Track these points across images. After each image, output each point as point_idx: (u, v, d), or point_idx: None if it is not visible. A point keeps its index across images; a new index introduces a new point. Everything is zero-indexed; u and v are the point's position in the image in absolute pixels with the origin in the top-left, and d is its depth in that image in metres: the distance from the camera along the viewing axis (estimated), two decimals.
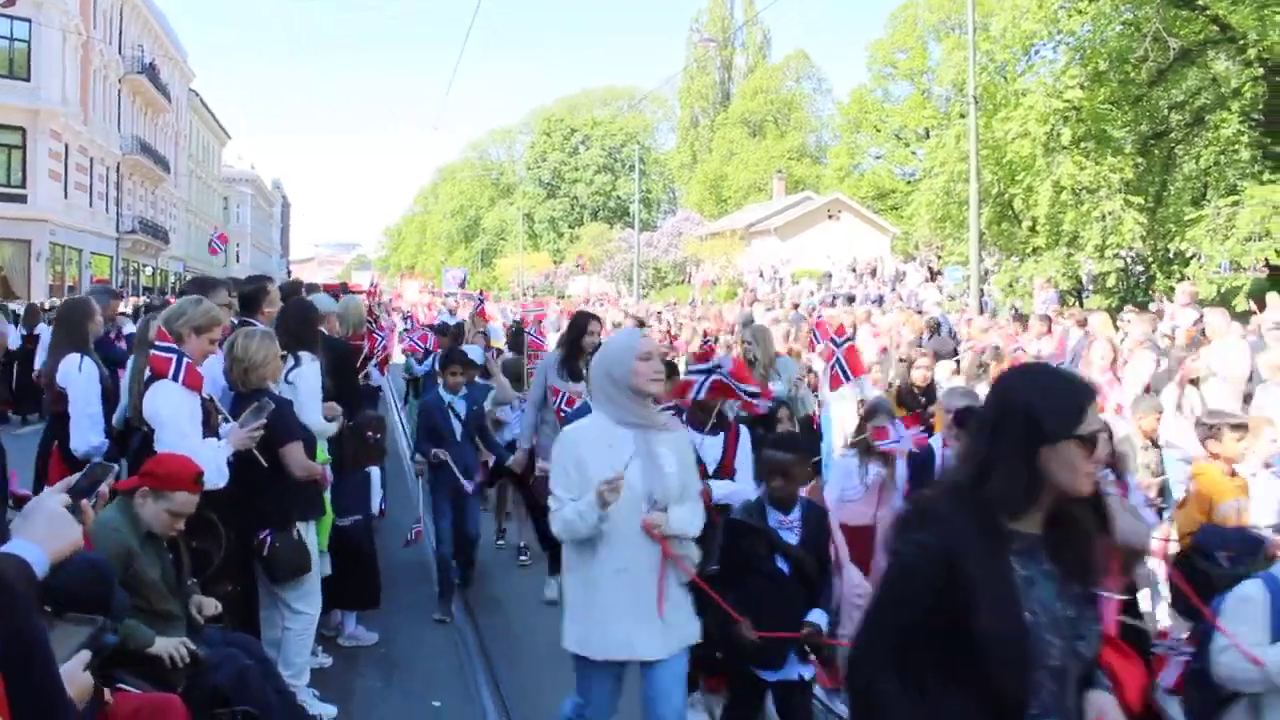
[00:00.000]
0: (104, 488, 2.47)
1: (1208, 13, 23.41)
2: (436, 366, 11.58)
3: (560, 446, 3.99)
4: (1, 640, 1.54)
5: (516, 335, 11.29)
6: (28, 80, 34.67)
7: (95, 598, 3.59)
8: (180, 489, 4.28)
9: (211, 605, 4.49)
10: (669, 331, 17.25)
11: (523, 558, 8.75)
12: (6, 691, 1.55)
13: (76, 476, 2.38)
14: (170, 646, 3.97)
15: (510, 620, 7.14)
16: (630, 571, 3.82)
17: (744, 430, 5.45)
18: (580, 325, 7.41)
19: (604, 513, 3.67)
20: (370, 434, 7.01)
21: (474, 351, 9.54)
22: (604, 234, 63.47)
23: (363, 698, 5.83)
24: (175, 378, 4.80)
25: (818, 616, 4.33)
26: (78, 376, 6.02)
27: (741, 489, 5.14)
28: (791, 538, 4.43)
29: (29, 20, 34.33)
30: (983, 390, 7.63)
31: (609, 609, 3.84)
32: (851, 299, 28.67)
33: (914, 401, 8.70)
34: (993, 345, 10.57)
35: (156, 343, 4.87)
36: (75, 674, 2.36)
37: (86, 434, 5.90)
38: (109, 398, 6.09)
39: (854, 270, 38.01)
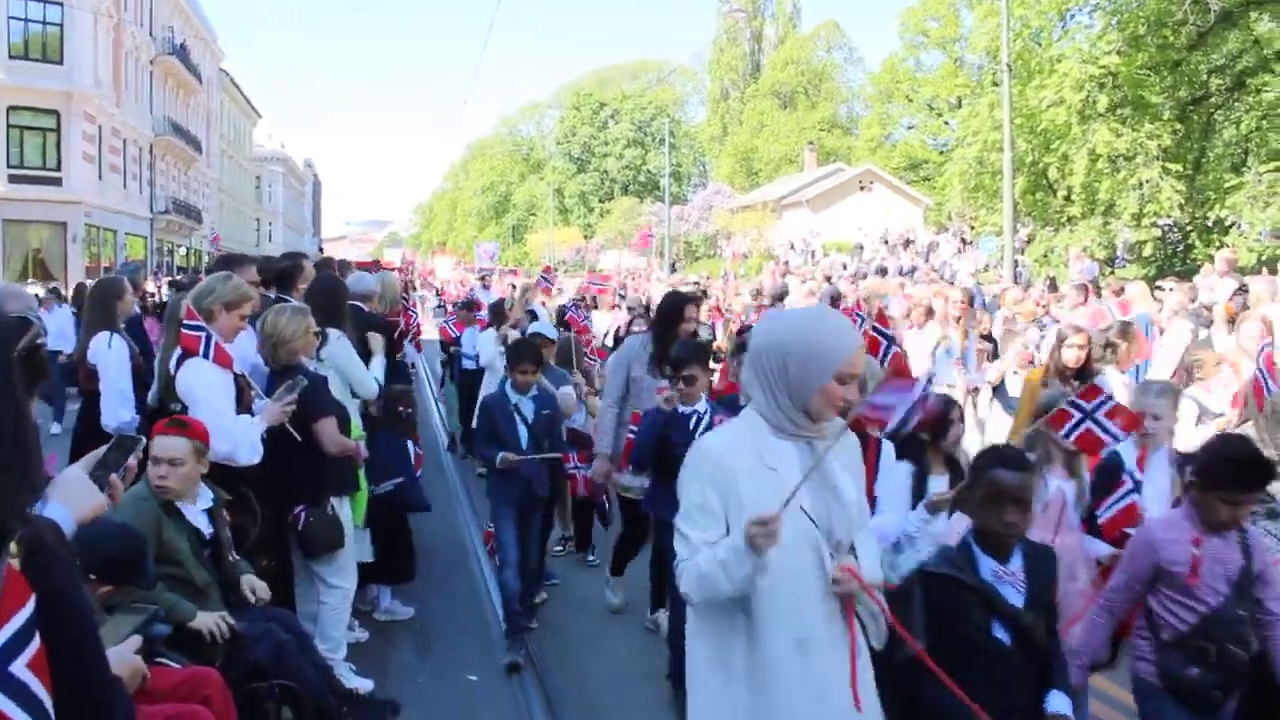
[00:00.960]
0: (132, 460, 2.48)
1: None
2: (475, 352, 11.12)
3: (696, 464, 2.77)
4: (41, 602, 1.53)
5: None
6: (60, 64, 34.94)
7: (129, 563, 3.63)
8: (156, 434, 4.29)
9: (264, 588, 4.49)
10: (717, 306, 16.97)
11: (557, 549, 8.13)
12: (48, 655, 1.54)
13: (102, 449, 2.40)
14: (211, 622, 4.00)
15: (546, 597, 7.13)
16: (813, 643, 2.67)
17: (886, 443, 4.35)
18: (674, 309, 6.32)
19: (760, 562, 2.53)
20: (401, 408, 6.98)
21: (545, 328, 8.73)
22: (634, 208, 63.28)
23: (398, 671, 5.86)
24: (205, 355, 4.84)
25: (1059, 703, 3.15)
26: (107, 353, 6.11)
27: (891, 524, 3.91)
28: (1015, 596, 3.19)
29: (61, 4, 34.56)
30: (1113, 376, 6.84)
31: (792, 705, 2.65)
32: (884, 271, 28.39)
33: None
34: (1119, 320, 8.97)
35: (185, 321, 4.90)
36: (125, 656, 2.37)
37: (117, 409, 5.99)
38: (140, 375, 6.15)
39: (886, 242, 37.66)
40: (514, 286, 18.57)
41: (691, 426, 5.32)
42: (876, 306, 9.71)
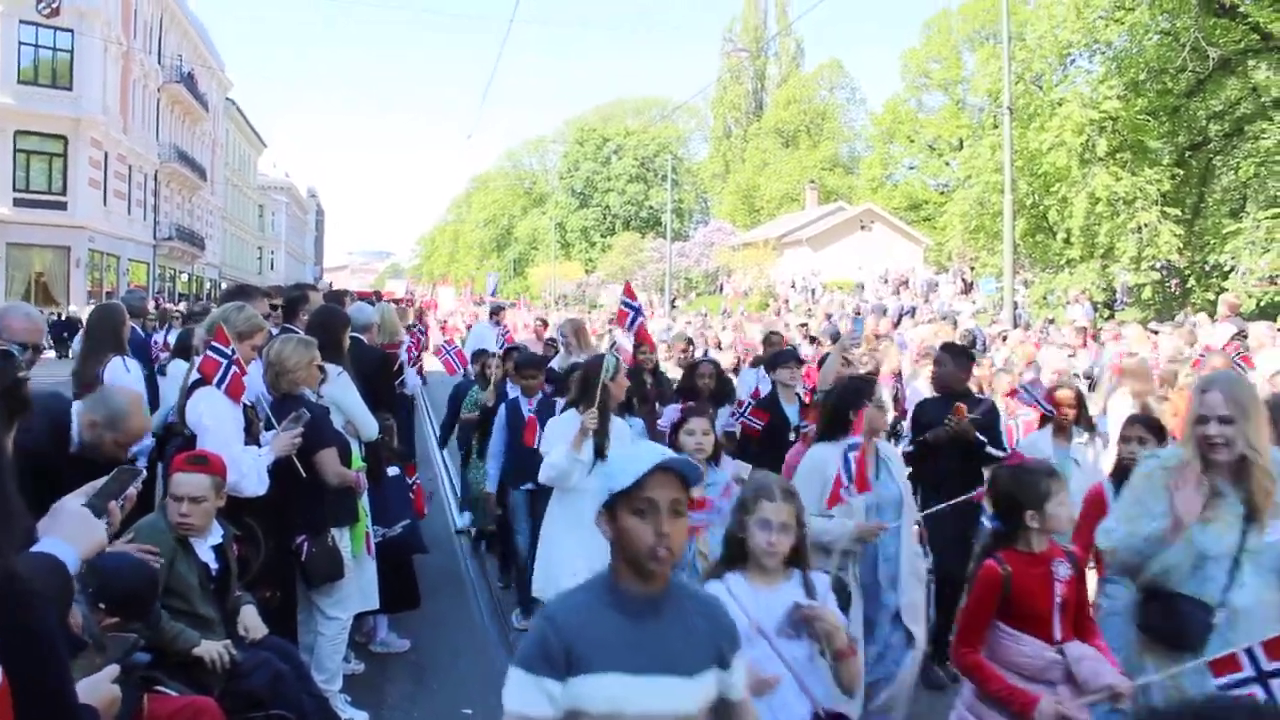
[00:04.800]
0: (131, 491, 2.51)
1: (1248, 21, 23.17)
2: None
3: None
4: (7, 637, 1.53)
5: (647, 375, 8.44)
6: (70, 90, 35.28)
7: (141, 598, 3.65)
8: (176, 470, 4.38)
9: (256, 628, 4.49)
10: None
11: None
12: (12, 692, 1.54)
13: (101, 480, 2.43)
14: (214, 650, 4.03)
15: None
16: None
17: None
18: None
19: None
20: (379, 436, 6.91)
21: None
22: (636, 244, 63.43)
23: (394, 704, 5.85)
24: (219, 384, 4.85)
25: None
26: (127, 377, 6.12)
27: None
28: None
29: (71, 31, 34.96)
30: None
31: None
32: (883, 310, 28.46)
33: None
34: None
35: (211, 343, 4.93)
36: (101, 685, 2.37)
37: None
38: (150, 400, 6.19)
39: (886, 281, 37.80)
40: (544, 322, 16.60)
41: None
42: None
